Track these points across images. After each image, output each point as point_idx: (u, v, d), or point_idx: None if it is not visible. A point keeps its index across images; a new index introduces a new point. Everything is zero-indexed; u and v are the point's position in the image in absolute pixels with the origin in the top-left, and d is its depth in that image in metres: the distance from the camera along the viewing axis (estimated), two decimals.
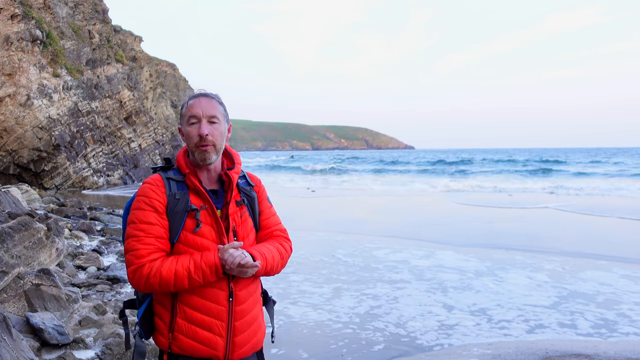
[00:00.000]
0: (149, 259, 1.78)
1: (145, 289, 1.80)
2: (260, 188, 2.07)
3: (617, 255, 8.35)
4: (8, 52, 21.07)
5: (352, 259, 8.23)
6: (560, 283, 6.68)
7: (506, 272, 7.27)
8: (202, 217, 1.85)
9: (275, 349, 4.54)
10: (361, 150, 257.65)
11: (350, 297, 6.13)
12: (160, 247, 1.82)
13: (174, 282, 1.76)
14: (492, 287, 6.55)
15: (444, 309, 5.69)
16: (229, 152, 2.02)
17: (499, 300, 6.00)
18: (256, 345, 1.96)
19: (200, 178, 1.90)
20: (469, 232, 11.02)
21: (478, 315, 5.47)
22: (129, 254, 1.81)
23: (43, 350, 3.86)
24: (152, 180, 1.89)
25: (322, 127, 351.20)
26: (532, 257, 8.23)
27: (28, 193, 14.30)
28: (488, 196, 20.55)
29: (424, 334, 4.94)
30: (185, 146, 1.96)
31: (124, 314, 1.97)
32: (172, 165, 1.96)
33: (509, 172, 36.96)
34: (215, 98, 1.94)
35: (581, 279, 6.87)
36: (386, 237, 10.36)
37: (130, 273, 1.80)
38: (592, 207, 15.91)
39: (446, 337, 4.84)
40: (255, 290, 1.97)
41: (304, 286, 6.63)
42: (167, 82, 67.68)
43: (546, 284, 6.66)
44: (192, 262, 1.78)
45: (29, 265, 5.27)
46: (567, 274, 7.17)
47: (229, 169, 1.97)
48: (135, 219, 1.83)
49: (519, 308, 5.70)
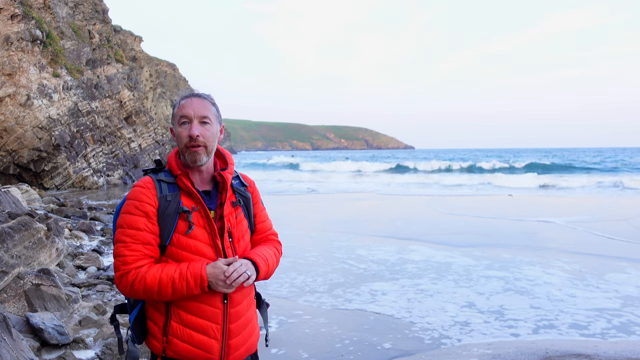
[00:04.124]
0: (135, 266, 1.76)
1: (131, 295, 1.78)
2: (254, 189, 2.06)
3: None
4: (8, 52, 21.06)
5: (352, 259, 8.23)
6: (571, 282, 6.68)
7: (506, 272, 7.28)
8: (194, 219, 1.81)
9: (275, 349, 4.54)
10: (361, 150, 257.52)
11: (350, 297, 6.13)
12: (147, 253, 1.78)
13: (157, 291, 1.73)
14: (493, 287, 6.55)
15: (445, 309, 5.68)
16: (221, 152, 2.00)
17: (499, 300, 6.00)
18: (251, 347, 1.95)
19: (192, 179, 1.87)
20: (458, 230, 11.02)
21: (478, 315, 5.47)
22: (117, 259, 1.78)
23: (43, 350, 3.86)
24: (143, 182, 1.85)
25: (322, 127, 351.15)
26: (540, 257, 8.24)
27: (28, 193, 14.30)
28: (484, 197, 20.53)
29: (424, 333, 4.94)
30: (176, 147, 1.93)
31: (115, 319, 1.95)
32: (163, 167, 1.92)
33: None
34: (207, 98, 1.91)
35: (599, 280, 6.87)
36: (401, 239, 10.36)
37: (117, 279, 1.78)
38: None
39: (446, 337, 4.84)
40: (250, 292, 1.96)
41: (304, 286, 6.63)
42: (167, 82, 67.67)
43: (548, 284, 6.66)
44: (177, 271, 1.74)
45: (29, 265, 5.27)
46: (586, 274, 7.17)
47: (222, 169, 1.94)
48: (123, 224, 1.80)
49: (518, 309, 5.70)
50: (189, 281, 1.72)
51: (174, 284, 1.72)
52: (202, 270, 1.73)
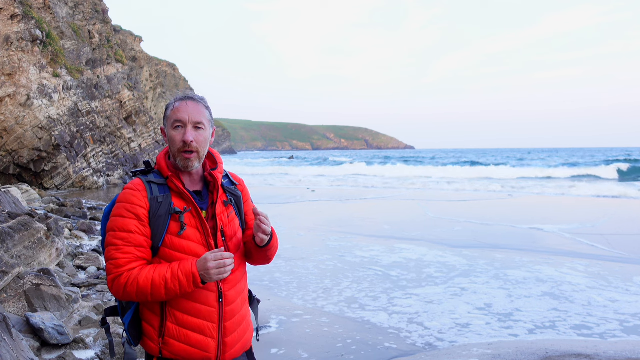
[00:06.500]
0: (128, 268, 1.75)
1: (124, 297, 1.78)
2: (243, 187, 2.07)
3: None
4: (8, 52, 21.06)
5: (352, 259, 8.23)
6: (560, 283, 6.68)
7: (506, 272, 7.27)
8: (186, 220, 1.81)
9: (275, 349, 4.54)
10: (361, 150, 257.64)
11: (350, 297, 6.13)
12: (140, 255, 1.78)
13: (150, 291, 1.73)
14: (493, 287, 6.55)
15: (445, 309, 5.68)
16: (210, 152, 1.99)
17: (499, 300, 6.00)
18: (246, 344, 1.96)
19: (183, 180, 1.87)
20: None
21: (478, 315, 5.47)
22: (109, 262, 1.78)
23: (43, 350, 3.86)
24: (133, 185, 1.84)
25: (322, 127, 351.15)
26: (531, 257, 8.23)
27: (28, 193, 14.30)
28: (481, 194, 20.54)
29: (424, 333, 4.94)
30: (165, 148, 1.93)
31: (106, 322, 1.94)
32: (152, 169, 1.91)
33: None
34: (201, 102, 1.90)
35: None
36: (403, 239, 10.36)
37: (110, 282, 1.77)
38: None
39: (446, 337, 4.84)
40: (243, 289, 1.97)
41: (304, 286, 6.63)
42: (167, 82, 67.72)
43: (544, 283, 6.66)
44: (169, 270, 1.74)
45: (29, 265, 5.27)
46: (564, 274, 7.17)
47: (212, 169, 1.94)
48: (114, 227, 1.79)
49: (519, 308, 5.70)
50: (181, 280, 1.72)
51: (166, 284, 1.72)
52: (193, 267, 1.73)
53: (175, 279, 1.72)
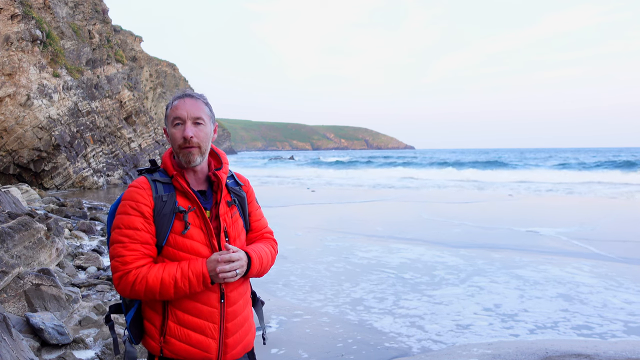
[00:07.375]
0: (135, 266, 1.75)
1: (130, 295, 1.78)
2: (248, 188, 2.06)
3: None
4: (8, 52, 21.06)
5: (352, 258, 8.23)
6: (559, 283, 6.68)
7: (506, 272, 7.27)
8: (190, 219, 1.81)
9: (275, 349, 4.54)
10: (362, 150, 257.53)
11: (350, 297, 6.13)
12: (146, 253, 1.78)
13: (159, 290, 1.73)
14: (493, 287, 6.54)
15: (445, 309, 5.68)
16: (215, 152, 1.99)
17: (499, 300, 5.99)
18: (247, 346, 1.95)
19: (188, 179, 1.86)
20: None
21: (478, 315, 5.47)
22: (115, 260, 1.77)
23: (43, 350, 3.86)
24: (138, 183, 1.84)
25: (322, 127, 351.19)
26: (529, 257, 8.24)
27: (28, 193, 14.30)
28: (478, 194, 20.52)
29: (424, 333, 4.94)
30: (170, 147, 1.93)
31: (110, 319, 1.95)
32: (158, 167, 1.91)
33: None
34: (200, 98, 1.90)
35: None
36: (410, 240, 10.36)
37: (116, 280, 1.77)
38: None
39: (446, 337, 4.84)
40: (246, 291, 1.97)
41: (304, 285, 6.63)
42: (167, 82, 67.72)
43: (540, 284, 6.66)
44: (179, 270, 1.74)
45: (29, 265, 5.27)
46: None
47: (217, 169, 1.94)
48: (120, 224, 1.79)
49: (527, 309, 5.69)
50: (191, 279, 1.73)
51: (176, 283, 1.73)
52: (204, 268, 1.74)
53: (185, 278, 1.73)
